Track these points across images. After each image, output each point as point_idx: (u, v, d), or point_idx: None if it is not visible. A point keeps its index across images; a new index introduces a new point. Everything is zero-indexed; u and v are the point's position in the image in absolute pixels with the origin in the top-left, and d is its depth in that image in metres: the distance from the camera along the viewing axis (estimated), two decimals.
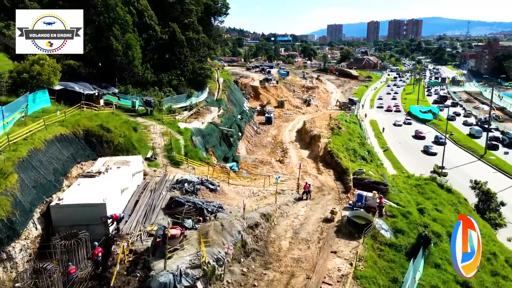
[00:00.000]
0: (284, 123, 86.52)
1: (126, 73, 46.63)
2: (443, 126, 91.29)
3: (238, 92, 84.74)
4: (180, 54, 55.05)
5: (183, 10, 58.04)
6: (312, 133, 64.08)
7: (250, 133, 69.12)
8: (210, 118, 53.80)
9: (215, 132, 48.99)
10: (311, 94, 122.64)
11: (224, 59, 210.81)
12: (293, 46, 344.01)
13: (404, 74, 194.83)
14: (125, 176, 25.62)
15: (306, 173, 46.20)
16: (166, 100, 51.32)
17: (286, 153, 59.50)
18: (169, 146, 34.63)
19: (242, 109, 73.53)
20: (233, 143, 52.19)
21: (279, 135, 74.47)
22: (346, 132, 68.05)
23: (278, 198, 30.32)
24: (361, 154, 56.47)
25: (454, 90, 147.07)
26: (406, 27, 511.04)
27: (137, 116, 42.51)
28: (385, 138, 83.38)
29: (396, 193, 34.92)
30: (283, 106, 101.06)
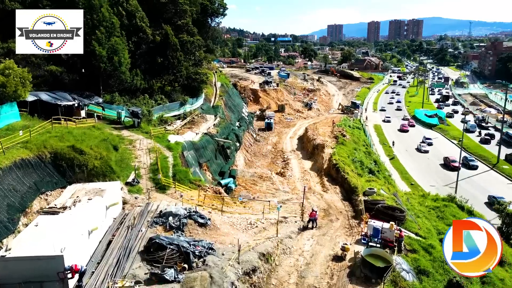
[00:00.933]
0: (285, 129, 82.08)
1: (112, 80, 42.22)
2: (451, 132, 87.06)
3: (236, 97, 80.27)
4: (173, 58, 50.65)
5: (177, 11, 53.63)
6: (315, 142, 59.68)
7: (249, 141, 64.71)
8: (205, 127, 49.39)
9: (210, 144, 44.59)
10: (313, 97, 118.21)
11: (223, 60, 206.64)
12: (293, 46, 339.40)
13: (405, 76, 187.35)
14: (97, 211, 21.23)
15: (310, 189, 41.80)
16: (157, 109, 46.95)
17: (288, 164, 55.11)
18: (155, 165, 30.25)
19: (240, 116, 69.07)
20: (230, 155, 47.78)
21: (279, 142, 70.06)
22: (351, 140, 63.71)
23: (279, 228, 26.01)
24: (368, 166, 52.08)
25: (458, 92, 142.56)
26: (406, 27, 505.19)
27: (123, 128, 38.12)
28: (391, 144, 78.97)
29: (413, 218, 30.53)
30: (283, 110, 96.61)
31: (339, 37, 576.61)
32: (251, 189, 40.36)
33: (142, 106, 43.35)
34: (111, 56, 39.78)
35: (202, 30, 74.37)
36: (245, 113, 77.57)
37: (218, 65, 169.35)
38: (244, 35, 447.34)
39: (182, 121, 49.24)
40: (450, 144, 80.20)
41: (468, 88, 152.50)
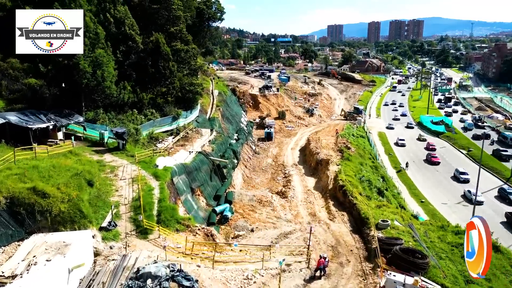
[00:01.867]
0: (285, 138, 77.77)
1: (96, 95, 37.90)
2: (459, 141, 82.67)
3: (235, 105, 75.88)
4: (165, 68, 46.32)
5: (170, 17, 49.29)
6: (319, 157, 55.35)
7: (247, 154, 60.40)
8: (200, 144, 45.09)
9: (205, 164, 40.33)
10: (314, 102, 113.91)
11: (223, 62, 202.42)
12: (294, 47, 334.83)
13: (406, 80, 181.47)
14: (57, 277, 16.98)
15: (315, 217, 37.54)
16: (147, 125, 42.66)
17: (289, 181, 50.78)
18: (138, 201, 25.96)
19: (239, 127, 64.69)
20: (226, 175, 43.51)
21: (280, 155, 65.74)
22: (356, 154, 59.42)
23: (282, 281, 21.81)
24: (376, 185, 47.79)
25: (463, 96, 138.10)
26: (407, 28, 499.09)
27: (106, 151, 33.81)
28: (397, 156, 74.68)
29: (437, 262, 26.26)
30: (284, 117, 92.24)
31: (339, 37, 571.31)
32: (249, 217, 36.06)
33: (128, 124, 38.97)
34: (94, 69, 35.44)
35: (199, 36, 70.09)
36: (244, 122, 73.27)
37: (217, 68, 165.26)
38: (244, 35, 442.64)
39: (175, 137, 44.95)
40: (459, 154, 75.96)
41: (472, 91, 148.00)
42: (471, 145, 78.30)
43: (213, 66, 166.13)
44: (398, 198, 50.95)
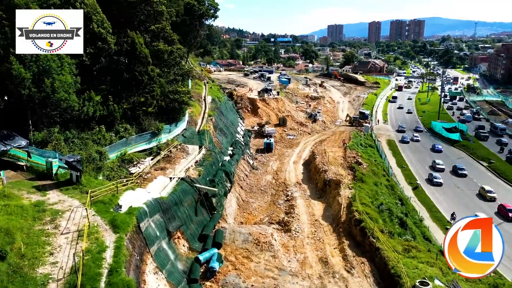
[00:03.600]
0: (287, 149, 69.27)
1: (48, 110, 29.38)
2: (478, 151, 74.04)
3: (231, 113, 67.26)
4: (143, 74, 37.81)
5: (150, 12, 40.78)
6: (326, 176, 46.88)
7: (244, 171, 51.90)
8: (184, 166, 36.62)
9: (189, 195, 31.87)
10: (316, 106, 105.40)
11: (221, 63, 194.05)
12: (294, 47, 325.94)
13: (410, 84, 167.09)
14: None
15: (327, 265, 29.10)
16: (118, 144, 34.18)
17: (293, 207, 42.35)
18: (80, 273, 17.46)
19: (234, 139, 56.11)
20: (216, 205, 35.03)
21: (281, 170, 57.23)
22: (369, 171, 51.03)
23: None
24: (398, 215, 39.39)
25: (472, 99, 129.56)
26: (408, 28, 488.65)
27: (53, 187, 25.27)
28: (410, 168, 66.23)
29: None
30: (285, 124, 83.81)
31: (339, 37, 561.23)
32: (243, 269, 27.53)
33: (91, 146, 30.40)
34: (40, 78, 26.95)
35: (189, 35, 61.68)
36: (241, 132, 64.75)
37: (215, 69, 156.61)
38: (244, 35, 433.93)
39: (154, 158, 36.46)
40: (479, 166, 67.51)
41: (482, 94, 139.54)
42: (491, 156, 70.11)
43: (210, 67, 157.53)
44: (421, 227, 42.57)
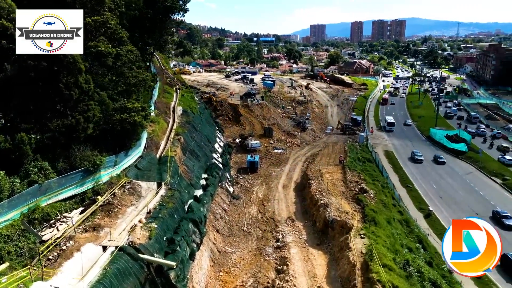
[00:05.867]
0: (274, 168, 57.83)
1: None
2: (487, 164, 64.46)
3: (207, 126, 55.11)
4: (71, 87, 25.73)
5: (86, 1, 28.61)
6: (328, 215, 35.63)
7: (221, 205, 40.20)
8: (130, 220, 24.77)
9: (129, 277, 20.14)
10: (304, 112, 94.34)
11: (201, 63, 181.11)
12: (277, 47, 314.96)
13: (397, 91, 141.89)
14: None
15: None
16: (24, 195, 22.07)
17: (285, 262, 31.04)
18: None
19: (210, 162, 44.22)
20: (176, 280, 23.32)
21: (268, 198, 45.81)
22: (378, 202, 40.28)
23: None
24: (429, 277, 28.55)
25: (466, 102, 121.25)
26: (390, 28, 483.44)
27: None
28: (416, 187, 55.98)
29: None
30: (271, 134, 72.48)
31: (322, 37, 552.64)
32: None
33: None
34: None
35: (155, 33, 49.53)
36: (219, 149, 52.91)
37: (194, 70, 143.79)
38: (226, 34, 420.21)
39: (85, 210, 24.43)
40: (491, 183, 57.92)
41: (474, 97, 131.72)
42: (503, 171, 60.67)
43: (189, 67, 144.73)
44: (453, 284, 31.99)
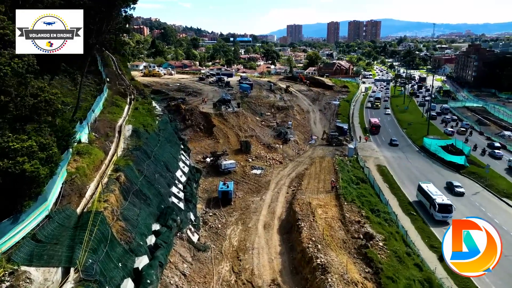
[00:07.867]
0: (253, 196, 46.45)
1: None
2: (494, 182, 55.39)
3: (167, 147, 42.81)
4: None
5: None
6: (328, 285, 24.80)
7: (179, 267, 28.50)
8: None
9: None
10: (286, 120, 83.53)
11: (175, 64, 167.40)
12: (254, 47, 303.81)
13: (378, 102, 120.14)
14: None
15: None
16: None
17: None
18: None
19: (164, 205, 32.16)
20: None
21: (245, 246, 34.41)
22: (390, 254, 29.76)
23: None
24: None
25: (452, 105, 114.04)
26: (365, 28, 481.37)
27: None
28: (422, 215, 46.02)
29: None
30: (248, 150, 61.15)
31: (298, 38, 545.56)
32: None
33: None
34: None
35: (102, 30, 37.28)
36: (183, 176, 41.03)
37: (165, 72, 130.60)
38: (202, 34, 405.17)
39: None
40: (501, 205, 48.80)
41: (459, 99, 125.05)
42: None
43: (160, 69, 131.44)
44: None
